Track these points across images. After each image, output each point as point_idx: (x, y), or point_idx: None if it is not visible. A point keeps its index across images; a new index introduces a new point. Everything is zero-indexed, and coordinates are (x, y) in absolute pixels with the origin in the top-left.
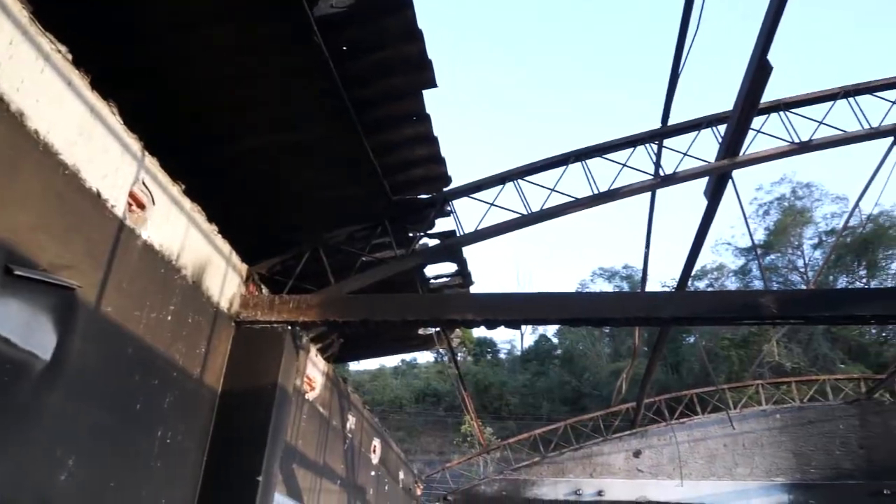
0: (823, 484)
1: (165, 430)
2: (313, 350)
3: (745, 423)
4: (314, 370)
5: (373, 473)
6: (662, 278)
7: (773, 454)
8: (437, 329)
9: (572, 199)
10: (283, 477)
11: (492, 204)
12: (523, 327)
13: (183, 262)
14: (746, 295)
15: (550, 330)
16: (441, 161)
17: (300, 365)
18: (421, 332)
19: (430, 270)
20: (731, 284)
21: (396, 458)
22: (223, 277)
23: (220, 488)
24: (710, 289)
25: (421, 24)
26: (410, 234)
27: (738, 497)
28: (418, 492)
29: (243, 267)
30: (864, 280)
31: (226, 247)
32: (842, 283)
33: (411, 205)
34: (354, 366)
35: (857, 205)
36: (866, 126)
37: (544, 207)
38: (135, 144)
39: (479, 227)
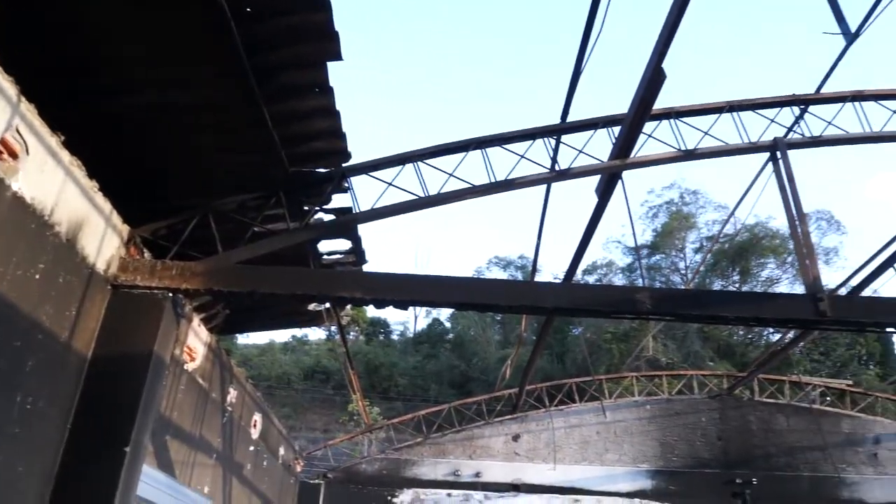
0: (684, 471)
1: (26, 395)
2: (196, 320)
3: (618, 413)
4: (196, 341)
5: (252, 449)
6: (556, 271)
7: (641, 442)
8: (328, 306)
9: (470, 186)
10: (154, 449)
11: (390, 184)
12: (417, 310)
13: (57, 218)
14: (625, 290)
15: (444, 314)
16: (342, 136)
17: (181, 334)
18: (311, 307)
19: (324, 246)
20: (619, 280)
21: (278, 434)
22: (101, 238)
23: (84, 458)
24: (597, 283)
25: None
26: (305, 208)
27: (606, 482)
28: (298, 468)
29: (125, 228)
30: (737, 285)
31: (106, 205)
32: (717, 286)
33: (308, 178)
34: (243, 339)
35: (732, 214)
36: (746, 140)
37: (442, 191)
38: (10, 88)
39: (375, 206)
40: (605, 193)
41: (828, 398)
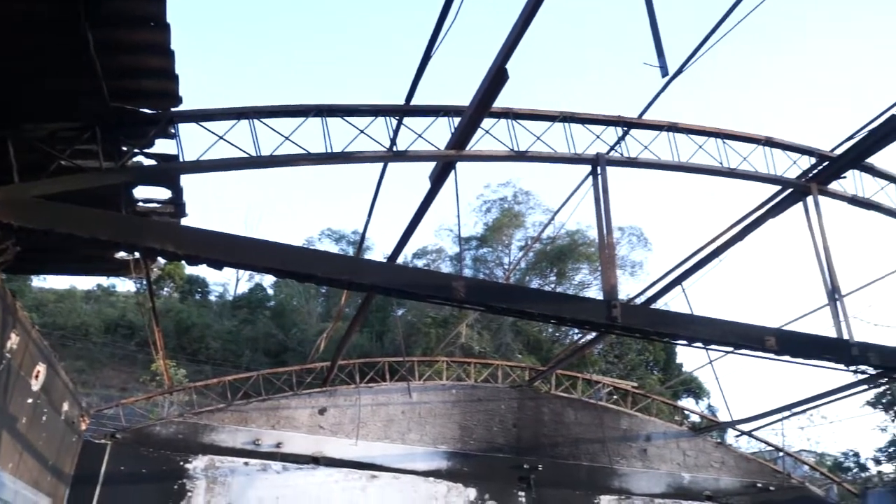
0: (479, 455)
1: None
2: None
3: (425, 394)
4: None
5: (30, 401)
6: (389, 250)
7: (443, 425)
8: (137, 255)
9: (306, 153)
10: None
11: (221, 137)
12: (239, 272)
13: None
14: (443, 277)
15: (267, 280)
16: (174, 77)
17: None
18: (119, 256)
19: (141, 193)
20: (446, 268)
21: (63, 388)
22: None
23: None
24: (422, 267)
25: None
26: (124, 148)
27: (405, 460)
28: (83, 426)
29: None
30: (554, 285)
31: None
32: (535, 284)
33: (131, 116)
34: (39, 282)
35: (552, 219)
36: (572, 151)
37: (275, 154)
38: None
39: (202, 158)
40: (438, 180)
41: (614, 396)
